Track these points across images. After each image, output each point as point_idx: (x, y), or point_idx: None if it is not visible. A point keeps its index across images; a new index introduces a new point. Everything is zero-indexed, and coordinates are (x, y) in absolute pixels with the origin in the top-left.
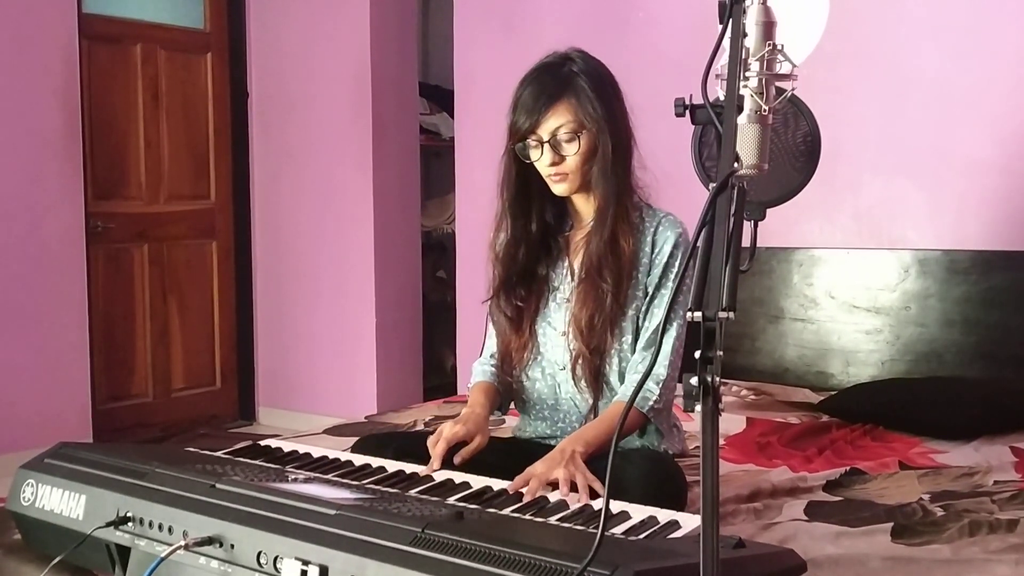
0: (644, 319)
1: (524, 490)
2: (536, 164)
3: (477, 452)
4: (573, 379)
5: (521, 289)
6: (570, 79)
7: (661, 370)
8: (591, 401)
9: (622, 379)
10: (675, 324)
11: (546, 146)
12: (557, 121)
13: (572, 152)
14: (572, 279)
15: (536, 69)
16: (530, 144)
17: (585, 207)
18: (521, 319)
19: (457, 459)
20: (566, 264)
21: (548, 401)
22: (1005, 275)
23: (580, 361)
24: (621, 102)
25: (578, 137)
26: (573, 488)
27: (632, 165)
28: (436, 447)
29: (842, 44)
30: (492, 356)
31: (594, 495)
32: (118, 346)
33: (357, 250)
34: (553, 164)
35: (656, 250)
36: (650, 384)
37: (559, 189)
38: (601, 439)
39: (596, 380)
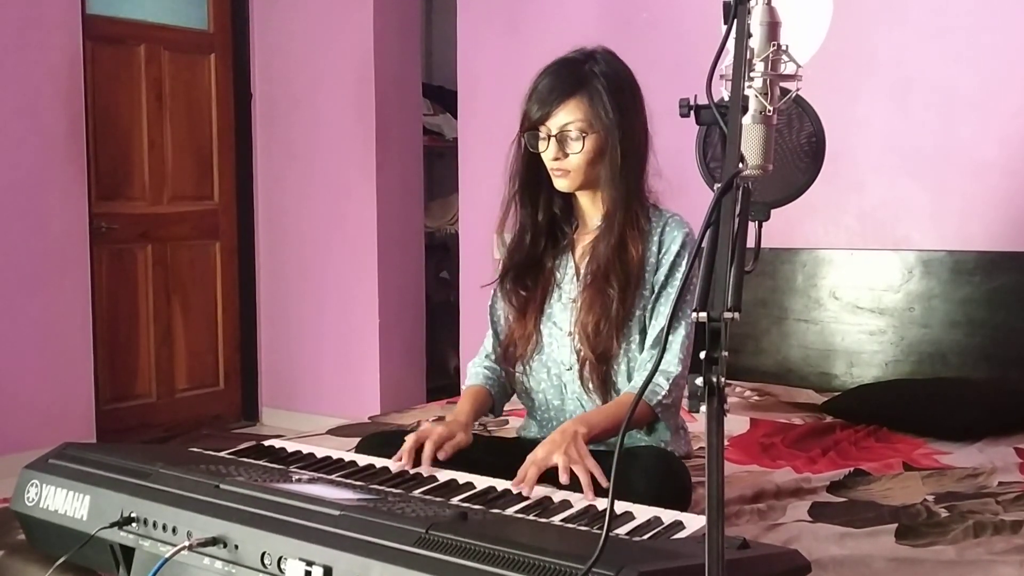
0: (651, 318)
1: (523, 484)
2: (542, 156)
3: (458, 448)
4: (581, 382)
5: (527, 279)
6: (588, 78)
7: (671, 367)
8: (599, 403)
9: (629, 379)
10: (683, 322)
11: (553, 140)
12: (567, 117)
13: (576, 151)
14: (578, 280)
15: (557, 62)
16: (539, 135)
17: (591, 208)
18: (526, 309)
19: (441, 455)
20: (572, 264)
21: (554, 402)
22: (1009, 276)
23: (587, 366)
24: (639, 108)
25: (585, 137)
26: (575, 477)
27: (646, 172)
28: (425, 449)
29: (847, 44)
30: (487, 357)
31: (596, 487)
32: (122, 346)
33: (360, 251)
34: (556, 159)
35: (663, 250)
36: (659, 379)
37: (560, 184)
38: (604, 425)
39: (604, 385)
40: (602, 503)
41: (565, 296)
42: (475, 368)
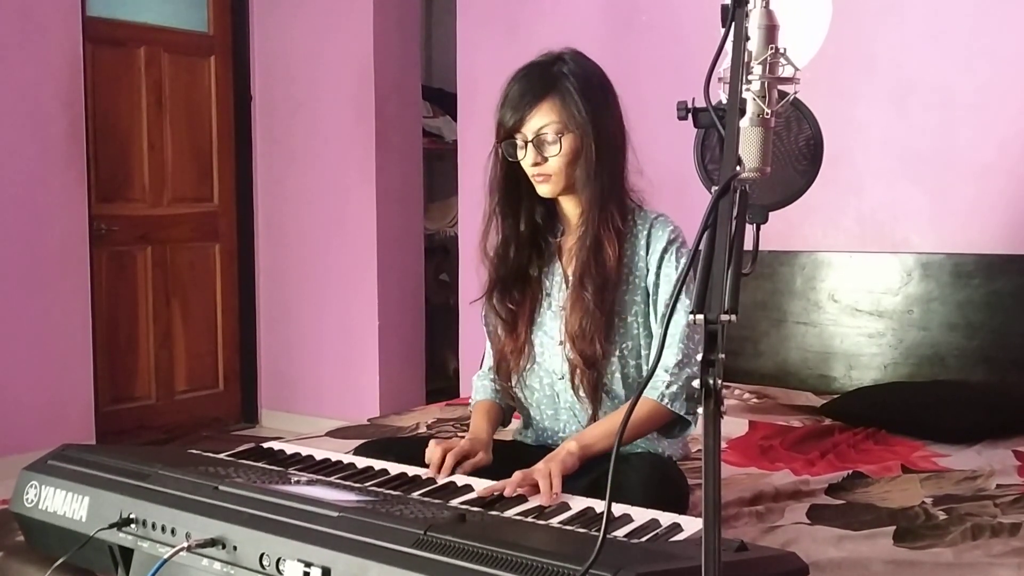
0: (656, 321)
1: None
2: (521, 163)
3: (478, 467)
4: (572, 389)
5: (515, 291)
6: (557, 79)
7: (670, 358)
8: (591, 411)
9: (625, 386)
10: (681, 312)
11: (530, 145)
12: (541, 121)
13: (554, 153)
14: (567, 287)
15: (525, 67)
16: (515, 143)
17: (574, 212)
18: (516, 322)
19: (459, 471)
20: (559, 271)
21: (548, 411)
22: (1008, 279)
23: (577, 371)
24: (613, 105)
25: (561, 138)
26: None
27: (624, 169)
28: (446, 460)
29: (845, 47)
30: (491, 369)
31: (595, 491)
32: (121, 348)
33: (360, 253)
34: (536, 164)
35: (651, 251)
36: (658, 372)
37: (543, 190)
38: (602, 438)
39: (595, 391)
40: (600, 506)
41: (555, 304)
42: (481, 382)
